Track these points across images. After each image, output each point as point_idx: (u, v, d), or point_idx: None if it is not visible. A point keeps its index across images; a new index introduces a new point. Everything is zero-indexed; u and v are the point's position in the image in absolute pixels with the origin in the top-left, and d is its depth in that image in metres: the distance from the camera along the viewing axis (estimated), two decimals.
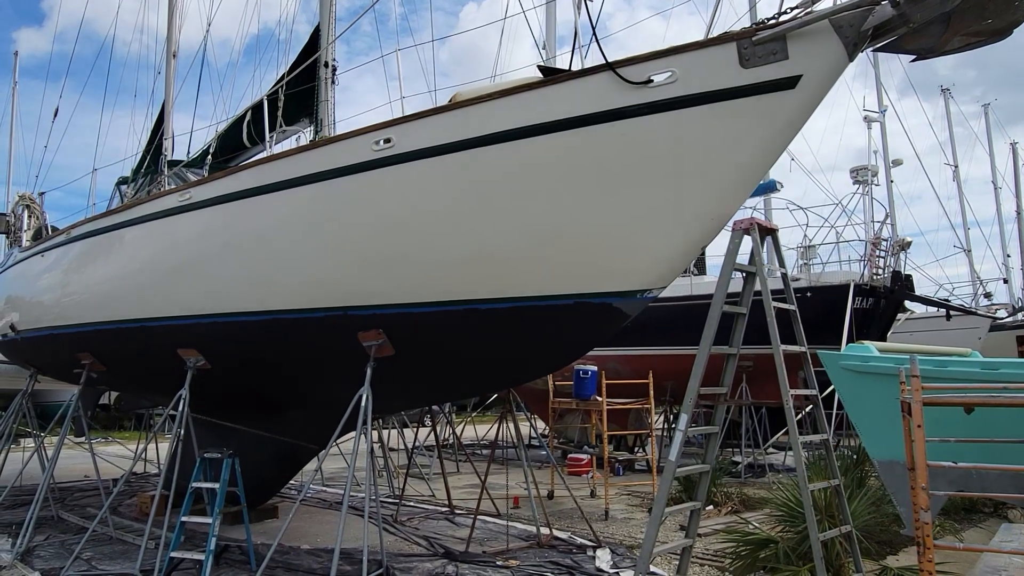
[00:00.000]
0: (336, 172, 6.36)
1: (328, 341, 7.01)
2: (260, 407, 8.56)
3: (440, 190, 5.97)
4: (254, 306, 7.19)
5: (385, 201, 6.21)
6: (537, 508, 10.45)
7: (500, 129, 5.67)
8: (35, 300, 9.85)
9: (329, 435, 9.34)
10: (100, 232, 8.42)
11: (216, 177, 7.32)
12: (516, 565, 7.35)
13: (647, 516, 10.12)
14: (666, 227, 5.47)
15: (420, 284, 6.34)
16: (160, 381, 9.18)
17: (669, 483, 5.39)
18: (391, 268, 6.39)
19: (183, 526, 7.09)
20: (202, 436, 8.23)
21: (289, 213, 6.73)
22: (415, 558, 7.75)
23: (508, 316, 6.10)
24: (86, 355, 8.93)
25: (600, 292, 5.81)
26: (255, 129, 9.63)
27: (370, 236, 6.36)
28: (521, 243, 5.85)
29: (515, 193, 5.73)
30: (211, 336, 7.62)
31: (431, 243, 6.13)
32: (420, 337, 6.58)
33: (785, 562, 6.47)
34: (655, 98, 5.19)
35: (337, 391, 7.89)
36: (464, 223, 5.96)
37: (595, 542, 8.17)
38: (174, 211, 7.56)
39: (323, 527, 9.81)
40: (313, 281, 6.80)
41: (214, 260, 7.35)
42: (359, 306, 6.65)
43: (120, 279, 8.28)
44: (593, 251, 5.70)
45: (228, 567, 7.50)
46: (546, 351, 6.52)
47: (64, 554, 8.25)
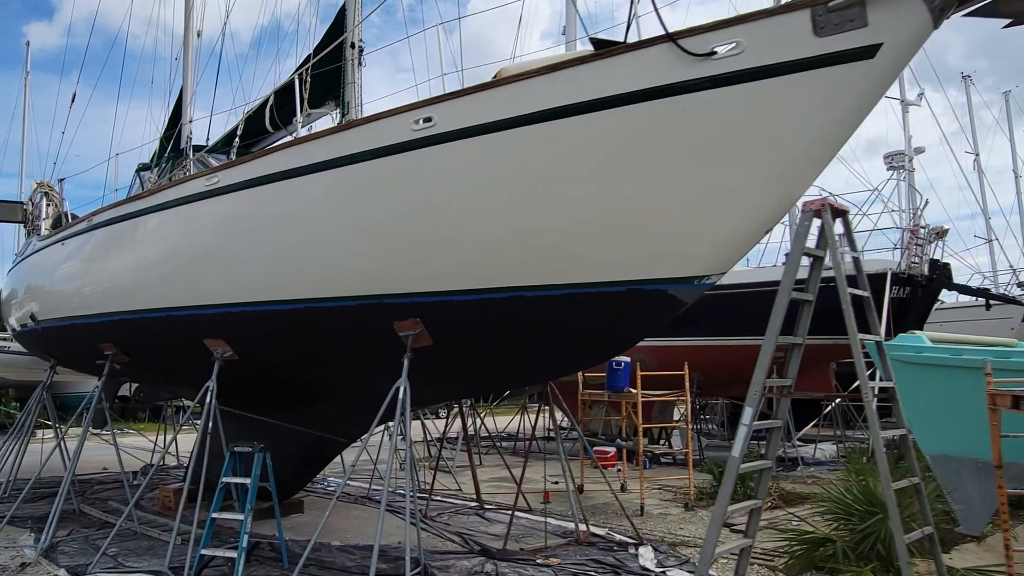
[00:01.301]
0: (373, 153, 6.06)
1: (362, 331, 6.73)
2: (288, 399, 8.30)
3: (484, 171, 5.66)
4: (284, 294, 6.90)
5: (425, 183, 5.90)
6: (573, 503, 10.21)
7: (549, 106, 5.35)
8: (56, 289, 9.61)
9: (358, 428, 9.18)
10: (123, 219, 8.16)
11: (244, 160, 7.03)
12: (557, 564, 7.07)
13: (683, 512, 9.84)
14: (728, 209, 5.14)
15: (461, 270, 6.04)
16: (185, 372, 8.94)
17: (733, 481, 5.10)
18: (430, 253, 6.09)
19: (213, 523, 6.84)
20: (227, 428, 7.97)
21: (322, 197, 6.43)
22: (450, 556, 7.48)
23: (555, 304, 5.80)
24: (109, 345, 8.69)
25: (655, 278, 5.49)
26: (278, 114, 9.34)
27: (408, 220, 6.05)
28: (571, 227, 5.53)
29: (565, 174, 5.42)
30: (239, 326, 7.35)
31: (474, 227, 5.83)
32: (460, 326, 6.29)
33: (844, 562, 6.17)
34: (718, 71, 4.86)
35: (369, 383, 7.63)
36: (509, 206, 5.65)
37: (636, 539, 7.88)
38: (200, 196, 7.28)
39: (350, 522, 9.57)
40: (347, 268, 6.50)
41: (242, 247, 7.07)
42: (396, 294, 6.36)
43: (144, 267, 8.02)
44: (648, 235, 5.38)
45: (259, 564, 7.26)
46: (594, 341, 6.20)
47: (88, 550, 8.03)
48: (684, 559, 7.27)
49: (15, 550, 8.02)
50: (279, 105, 9.28)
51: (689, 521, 9.23)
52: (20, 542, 8.42)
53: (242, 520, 6.56)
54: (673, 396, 10.64)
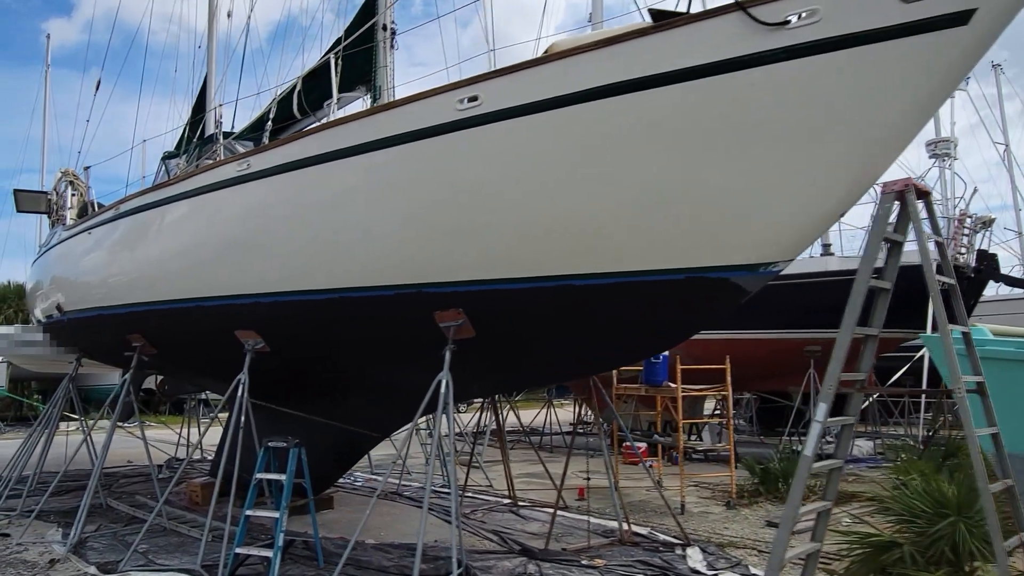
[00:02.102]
0: (414, 135, 5.76)
1: (400, 322, 6.45)
2: (320, 393, 8.05)
3: (533, 153, 5.35)
4: (318, 284, 6.64)
5: (469, 166, 5.60)
6: (611, 501, 9.90)
7: (605, 83, 5.01)
8: (82, 280, 9.42)
9: (392, 423, 8.91)
10: (151, 206, 7.93)
11: (277, 145, 6.76)
12: (603, 565, 6.78)
13: (725, 510, 9.50)
14: (800, 192, 4.79)
15: (507, 258, 5.73)
16: (214, 365, 8.72)
17: (804, 481, 4.78)
18: (474, 240, 5.79)
19: (247, 520, 6.60)
20: (255, 422, 7.70)
21: (360, 181, 6.15)
22: (490, 555, 7.20)
23: (607, 293, 5.48)
24: (137, 337, 8.48)
25: (716, 266, 5.16)
26: (306, 100, 9.07)
27: (451, 205, 5.76)
28: (626, 211, 5.20)
29: (621, 155, 5.09)
30: (271, 316, 7.10)
31: (521, 212, 5.52)
32: (505, 317, 5.99)
33: (913, 567, 5.82)
34: (793, 42, 4.50)
35: (405, 376, 7.36)
36: (560, 189, 5.33)
37: (682, 540, 7.56)
38: (232, 182, 7.02)
39: (382, 519, 9.31)
40: (385, 256, 6.22)
41: (275, 234, 6.80)
42: (437, 283, 6.07)
43: (173, 256, 7.78)
44: (710, 219, 5.04)
45: (292, 563, 7.01)
46: (648, 333, 5.89)
47: (117, 546, 7.84)
48: (735, 561, 6.94)
49: (43, 546, 7.85)
50: (307, 91, 9.02)
51: (733, 520, 8.90)
52: (48, 537, 8.25)
53: (277, 518, 6.30)
54: (714, 391, 10.28)
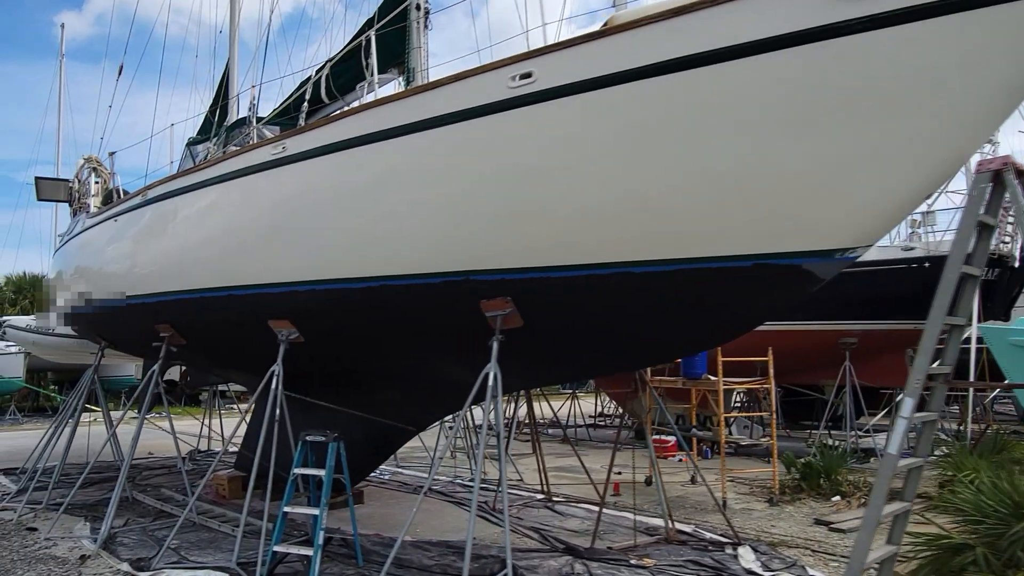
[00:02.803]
0: (463, 115, 5.47)
1: (443, 311, 6.18)
2: (354, 384, 7.80)
3: (591, 132, 5.04)
4: (358, 271, 6.37)
5: (522, 147, 5.30)
6: (639, 495, 9.64)
7: (670, 57, 4.70)
8: (107, 268, 9.20)
9: (427, 416, 8.67)
10: (180, 192, 7.68)
11: (314, 126, 6.49)
12: (653, 565, 6.51)
13: (768, 507, 9.21)
14: (883, 170, 4.47)
15: (560, 244, 5.44)
16: (246, 356, 8.48)
17: (889, 480, 4.46)
18: (525, 225, 5.49)
19: (286, 517, 6.37)
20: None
21: (404, 163, 5.87)
22: (534, 554, 6.95)
23: (668, 281, 5.18)
24: (165, 327, 8.25)
25: (787, 252, 4.85)
26: (335, 84, 8.79)
27: (501, 188, 5.47)
28: (691, 193, 4.90)
29: (687, 133, 4.78)
30: (307, 306, 6.84)
31: (577, 195, 5.22)
32: (557, 306, 5.70)
33: (988, 570, 5.52)
34: (879, 10, 4.18)
35: (445, 367, 7.12)
36: (619, 171, 5.03)
37: (731, 538, 7.27)
38: (266, 166, 6.76)
39: (416, 514, 9.07)
40: (430, 242, 5.94)
41: (312, 220, 6.53)
42: (484, 270, 5.79)
43: (203, 243, 7.54)
44: (783, 201, 4.72)
45: (330, 561, 6.77)
46: (709, 324, 5.59)
47: (147, 541, 7.65)
48: (790, 561, 6.66)
49: (72, 541, 7.65)
50: (335, 75, 8.74)
51: (778, 518, 8.60)
52: (76, 532, 8.06)
53: (316, 515, 6.06)
54: (757, 384, 9.98)
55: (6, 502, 9.78)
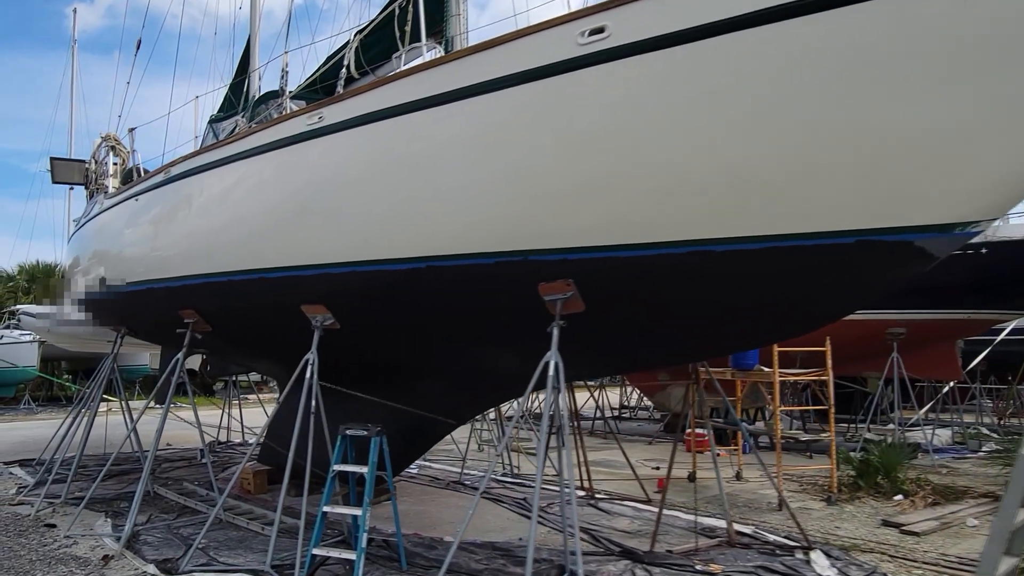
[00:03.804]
0: (524, 76, 4.93)
1: (496, 294, 5.66)
2: (391, 374, 7.31)
3: (672, 94, 4.50)
4: (402, 251, 5.84)
5: (592, 111, 4.76)
6: (685, 493, 9.13)
7: (766, 6, 4.16)
8: (128, 251, 8.72)
9: (469, 409, 8.18)
10: (206, 168, 7.18)
11: (356, 92, 5.96)
12: (720, 571, 5.99)
13: (825, 506, 8.67)
14: (1014, 131, 3.92)
15: (631, 220, 4.89)
16: (275, 344, 8.01)
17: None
18: (591, 200, 4.95)
19: (325, 518, 5.89)
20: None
21: (456, 132, 5.34)
22: (589, 558, 6.43)
23: (753, 261, 4.64)
24: (190, 313, 7.77)
25: (898, 227, 4.30)
26: (365, 57, 8.25)
27: (567, 158, 4.92)
28: (785, 160, 4.36)
29: (782, 92, 4.23)
30: (344, 289, 6.34)
31: (651, 165, 4.67)
32: (624, 289, 5.17)
33: None
34: None
35: (493, 356, 6.62)
36: (703, 137, 4.48)
37: (798, 542, 6.75)
38: (301, 137, 6.25)
39: (450, 511, 8.61)
40: (483, 219, 5.40)
41: (352, 196, 6.02)
42: (543, 250, 5.25)
43: (232, 223, 7.03)
44: (895, 168, 4.17)
45: (370, 563, 6.26)
46: (796, 309, 5.05)
47: (172, 540, 7.19)
48: (869, 568, 6.12)
49: (93, 539, 7.21)
50: (366, 47, 8.20)
51: (840, 518, 8.07)
52: (97, 529, 7.62)
53: (360, 515, 5.57)
54: (814, 375, 9.43)
55: (23, 495, 9.37)
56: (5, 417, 23.34)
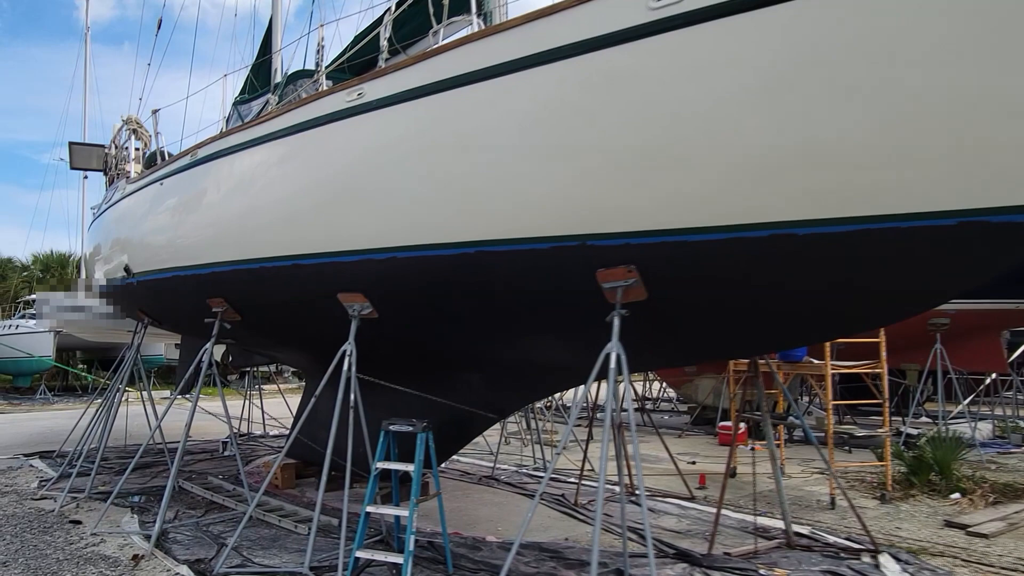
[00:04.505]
0: (587, 45, 4.55)
1: (551, 282, 5.29)
2: (431, 366, 6.97)
3: (753, 62, 4.11)
4: (449, 236, 5.48)
5: (662, 82, 4.38)
6: (732, 490, 8.78)
7: None
8: (153, 237, 8.40)
9: (512, 402, 7.83)
10: (237, 149, 6.84)
11: (401, 66, 5.58)
12: (785, 575, 5.65)
13: (879, 504, 8.29)
14: None
15: (703, 201, 4.51)
16: (308, 334, 7.68)
17: None
18: (659, 180, 4.57)
19: (368, 518, 5.57)
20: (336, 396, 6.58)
21: (512, 107, 4.96)
22: (641, 560, 6.09)
23: (842, 245, 4.25)
24: (219, 301, 7.44)
25: (1012, 206, 3.91)
26: (396, 35, 7.86)
27: (635, 134, 4.54)
28: (881, 132, 3.96)
29: (883, 57, 3.84)
30: (384, 277, 5.99)
31: (729, 140, 4.29)
32: (691, 276, 4.80)
33: None
34: None
35: (543, 347, 6.27)
36: (790, 108, 4.10)
37: (867, 544, 6.37)
38: (340, 115, 5.89)
39: (488, 509, 8.29)
40: (539, 201, 5.03)
41: (395, 177, 5.65)
42: (605, 234, 4.89)
43: (264, 207, 6.68)
44: (1008, 140, 3.78)
45: (414, 565, 5.93)
46: (883, 299, 4.65)
47: (203, 538, 6.90)
48: (943, 573, 5.76)
49: (121, 537, 6.92)
50: (399, 24, 7.81)
51: (897, 518, 7.69)
52: (124, 525, 7.33)
53: (401, 515, 5.24)
54: (867, 368, 9.03)
55: (46, 489, 9.11)
56: (22, 407, 23.24)
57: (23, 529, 7.17)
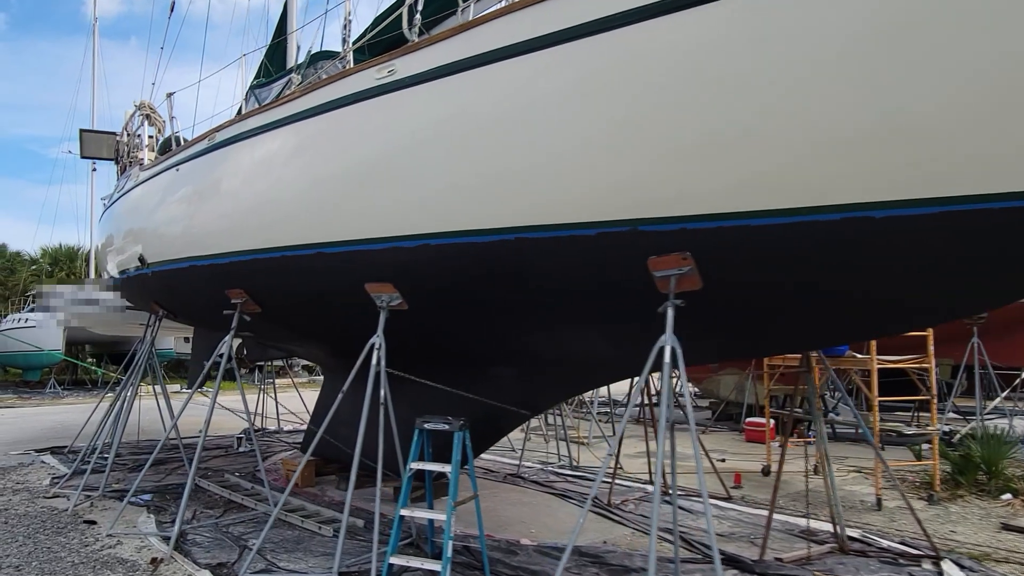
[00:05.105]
0: (642, 13, 4.20)
1: (596, 270, 4.95)
2: (461, 360, 6.64)
3: (840, 25, 3.75)
4: (486, 223, 5.13)
5: (726, 51, 4.02)
6: (759, 488, 8.47)
7: None
8: (169, 226, 8.08)
9: (546, 398, 7.50)
10: (257, 132, 6.50)
11: (435, 40, 5.23)
12: None
13: (927, 505, 7.93)
14: None
15: (770, 181, 4.15)
16: (330, 326, 7.36)
17: None
18: (722, 159, 4.21)
19: (403, 523, 5.24)
20: (360, 391, 6.23)
21: (557, 81, 4.60)
22: (689, 566, 5.76)
23: (925, 228, 3.89)
24: (238, 292, 7.12)
25: None
26: (424, 11, 7.49)
27: (693, 109, 4.18)
28: (972, 103, 3.60)
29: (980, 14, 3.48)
30: (416, 265, 5.64)
31: (801, 114, 3.93)
32: (753, 263, 4.44)
33: None
34: None
35: (583, 340, 5.93)
36: (871, 79, 3.73)
37: (926, 550, 6.02)
38: (368, 94, 5.55)
39: (519, 509, 7.96)
40: (586, 183, 4.66)
41: (428, 159, 5.30)
42: (658, 218, 4.53)
43: (286, 193, 6.35)
44: None
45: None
46: (974, 285, 4.28)
47: (223, 540, 6.59)
48: None
49: (138, 538, 6.61)
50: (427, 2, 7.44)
51: (949, 520, 7.33)
52: (140, 526, 7.03)
53: (445, 520, 4.91)
54: (915, 362, 8.65)
55: (59, 487, 8.83)
56: (32, 401, 23.05)
57: (36, 530, 6.88)
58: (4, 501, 8.14)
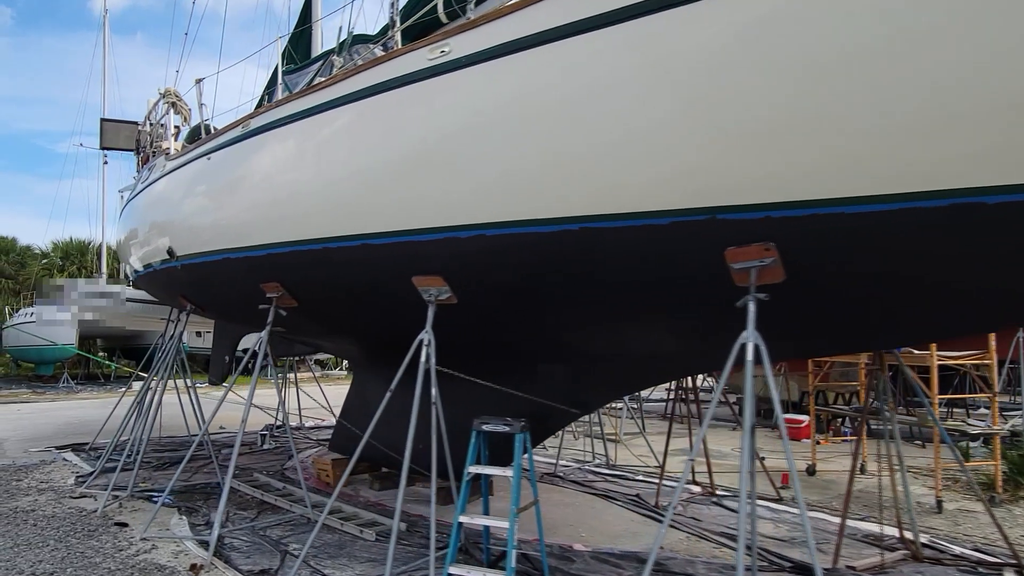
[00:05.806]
0: None
1: (668, 261, 4.64)
2: (511, 357, 6.34)
3: None
4: (549, 212, 4.81)
5: (824, 25, 3.70)
6: (816, 490, 8.15)
7: None
8: (198, 219, 7.79)
9: (599, 396, 7.18)
10: (297, 117, 6.19)
11: (495, 16, 4.90)
12: None
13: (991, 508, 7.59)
14: None
15: (866, 165, 3.83)
16: (371, 322, 7.07)
17: None
18: (813, 141, 3.89)
19: (461, 530, 4.95)
20: (401, 389, 5.94)
21: (632, 59, 4.28)
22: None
23: None
24: (274, 286, 6.84)
25: None
26: None
27: (783, 87, 3.86)
28: None
29: None
30: (469, 257, 5.34)
31: (902, 92, 3.60)
32: (849, 254, 4.13)
33: None
34: None
35: (648, 336, 5.62)
36: (980, 53, 3.41)
37: (1010, 558, 5.71)
38: (419, 75, 5.23)
39: (567, 511, 7.67)
40: (659, 169, 4.34)
41: (485, 145, 4.99)
42: (740, 206, 4.21)
43: (329, 182, 6.04)
44: None
45: None
46: None
47: (262, 544, 6.35)
48: None
49: (173, 543, 6.35)
50: None
51: (1016, 524, 7.00)
52: (174, 529, 6.78)
53: (508, 529, 4.62)
54: (975, 358, 8.32)
55: (85, 487, 8.58)
56: (47, 396, 22.87)
57: (67, 533, 6.63)
58: (31, 502, 7.90)
